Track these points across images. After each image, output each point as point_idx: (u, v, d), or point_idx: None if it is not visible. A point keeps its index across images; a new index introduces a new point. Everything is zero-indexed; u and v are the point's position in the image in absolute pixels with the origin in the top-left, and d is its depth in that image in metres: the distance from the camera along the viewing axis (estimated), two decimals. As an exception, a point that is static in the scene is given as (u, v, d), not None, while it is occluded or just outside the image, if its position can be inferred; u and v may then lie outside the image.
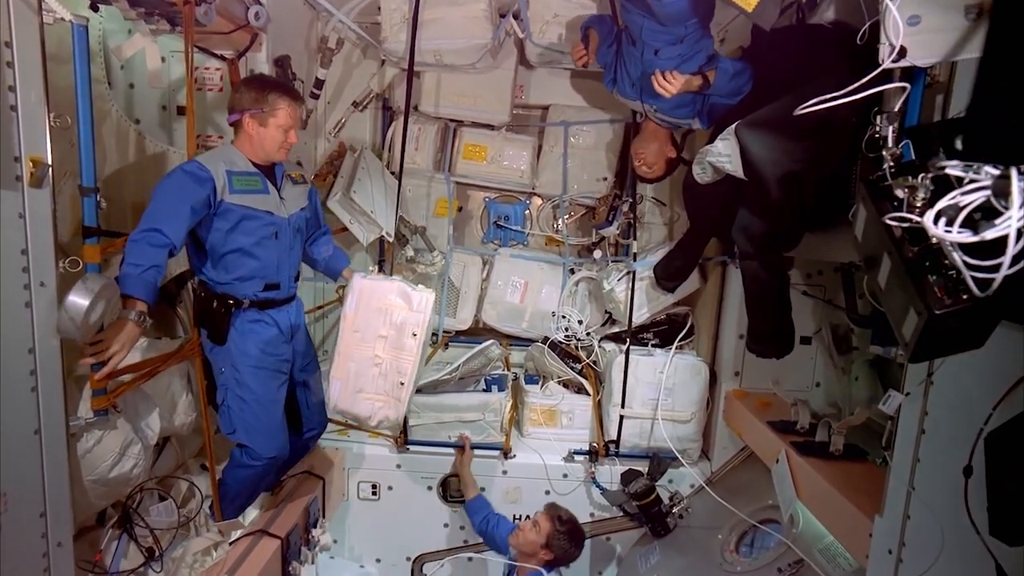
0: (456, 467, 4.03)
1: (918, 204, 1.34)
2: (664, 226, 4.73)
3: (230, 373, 2.82)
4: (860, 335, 3.75)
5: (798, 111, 1.83)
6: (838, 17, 2.67)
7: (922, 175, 1.35)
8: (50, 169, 2.20)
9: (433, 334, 4.70)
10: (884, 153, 1.52)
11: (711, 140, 3.33)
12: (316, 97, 4.13)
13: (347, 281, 3.13)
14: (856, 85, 1.67)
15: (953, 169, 1.33)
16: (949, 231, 1.28)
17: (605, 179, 4.61)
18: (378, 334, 3.01)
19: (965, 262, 1.29)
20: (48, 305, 2.19)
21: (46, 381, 2.20)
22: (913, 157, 1.72)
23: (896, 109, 1.75)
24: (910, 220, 1.33)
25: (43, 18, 2.14)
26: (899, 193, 1.38)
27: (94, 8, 2.53)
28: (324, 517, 3.71)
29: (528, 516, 3.73)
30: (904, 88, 1.77)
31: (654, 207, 4.70)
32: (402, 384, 3.03)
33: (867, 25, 2.05)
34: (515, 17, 3.89)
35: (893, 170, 1.49)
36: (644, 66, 3.07)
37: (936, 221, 1.30)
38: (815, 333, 3.88)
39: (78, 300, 2.13)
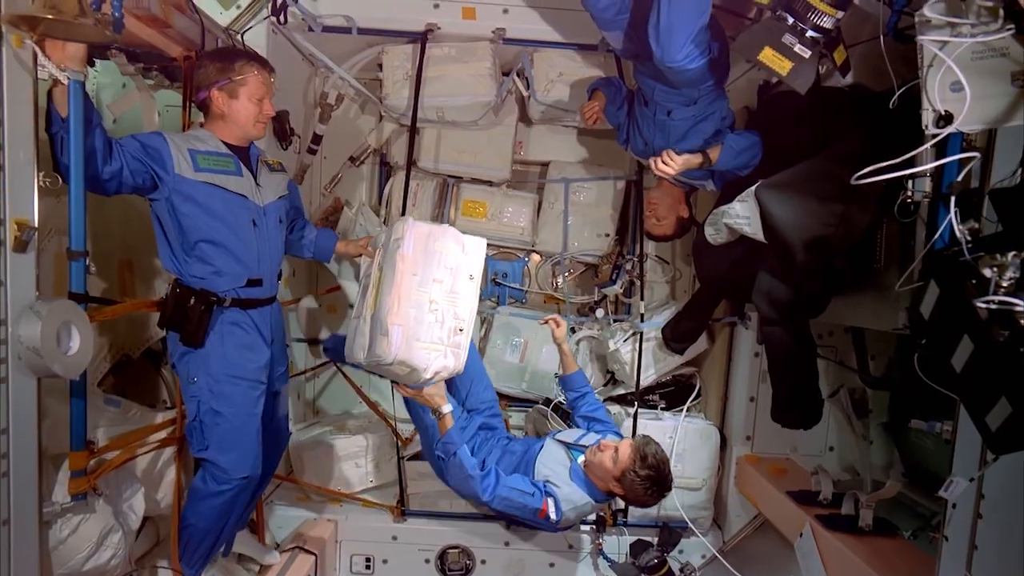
0: (556, 341, 3.48)
1: (1004, 284, 1.23)
2: (666, 284, 4.63)
3: (204, 382, 2.54)
4: (874, 398, 3.64)
5: (855, 180, 1.75)
6: (856, 80, 2.63)
7: (1012, 252, 1.25)
8: (36, 233, 2.05)
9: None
10: (957, 227, 1.43)
11: (721, 200, 3.28)
12: (313, 152, 4.04)
13: (343, 255, 3.09)
14: (911, 154, 1.59)
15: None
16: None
17: (607, 235, 4.53)
18: (433, 278, 2.70)
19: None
20: (28, 384, 2.00)
21: (19, 464, 1.99)
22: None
23: (959, 178, 1.66)
24: (1012, 304, 1.22)
25: (37, 74, 2.02)
26: (986, 272, 1.27)
27: (90, 63, 2.42)
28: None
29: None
30: (973, 157, 1.69)
31: (655, 265, 4.62)
32: (461, 330, 2.74)
33: (901, 91, 2.01)
34: (519, 75, 3.86)
35: (971, 245, 1.39)
36: (657, 126, 3.02)
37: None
38: (829, 396, 3.77)
39: (28, 330, 1.91)
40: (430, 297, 2.69)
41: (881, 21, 2.19)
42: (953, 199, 1.64)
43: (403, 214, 3.62)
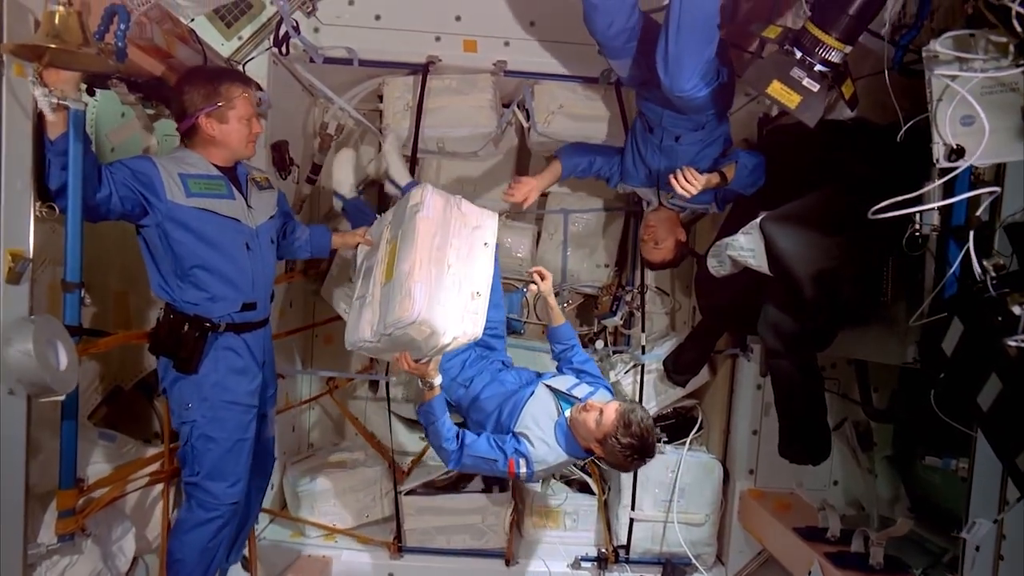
0: (542, 293, 3.30)
1: (1033, 322, 1.21)
2: (666, 315, 4.60)
3: (198, 408, 2.49)
4: (878, 430, 3.60)
5: (872, 214, 1.73)
6: (859, 114, 2.64)
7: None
8: (30, 264, 2.00)
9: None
10: (985, 263, 1.40)
11: (723, 230, 3.27)
12: (312, 182, 4.01)
13: (341, 247, 3.11)
14: (925, 190, 1.57)
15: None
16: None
17: (606, 266, 4.51)
18: (450, 243, 2.70)
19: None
20: (17, 419, 1.93)
21: (6, 504, 1.92)
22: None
23: (979, 213, 1.64)
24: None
25: (37, 103, 1.99)
26: (1015, 309, 1.25)
27: (90, 92, 2.40)
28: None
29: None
30: (994, 191, 1.67)
31: (654, 296, 4.59)
32: (479, 294, 2.68)
33: (908, 124, 2.01)
34: (519, 107, 3.87)
35: (995, 282, 1.36)
36: (664, 153, 3.02)
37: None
38: (834, 429, 3.72)
39: (21, 342, 1.85)
40: (448, 261, 2.66)
41: (885, 56, 2.20)
42: (972, 234, 1.62)
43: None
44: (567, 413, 2.88)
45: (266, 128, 3.27)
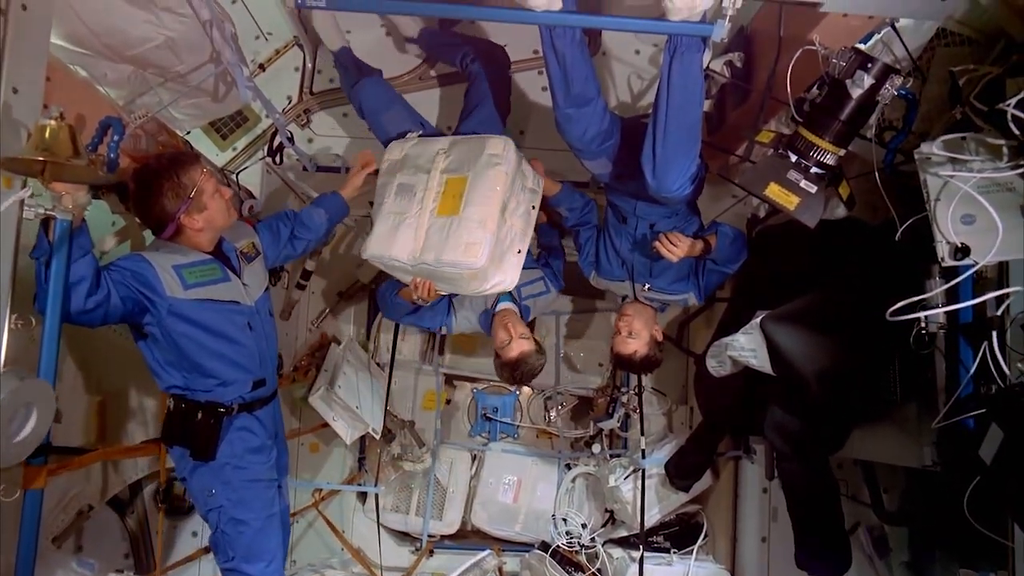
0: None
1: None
2: (663, 416, 4.48)
3: (223, 493, 2.46)
4: (891, 534, 3.43)
5: (890, 316, 1.69)
6: (849, 214, 2.67)
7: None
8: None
9: (416, 539, 4.23)
10: (1020, 365, 1.35)
11: (720, 329, 3.23)
12: (302, 288, 3.97)
13: (354, 192, 3.06)
14: (937, 291, 1.54)
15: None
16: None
17: (601, 365, 4.43)
18: (512, 199, 2.79)
19: None
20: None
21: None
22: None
23: (999, 312, 1.61)
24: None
25: (22, 212, 1.95)
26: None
27: (96, 196, 2.36)
28: None
29: None
30: (1016, 292, 1.65)
31: (650, 396, 4.49)
32: (520, 252, 2.82)
33: (907, 223, 2.01)
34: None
35: (1029, 386, 1.30)
36: (638, 243, 3.04)
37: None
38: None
39: None
40: (506, 215, 2.76)
41: (874, 157, 2.24)
42: (995, 334, 1.58)
43: (392, 350, 3.53)
44: (499, 307, 3.25)
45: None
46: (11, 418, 1.80)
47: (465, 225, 2.67)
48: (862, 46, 2.32)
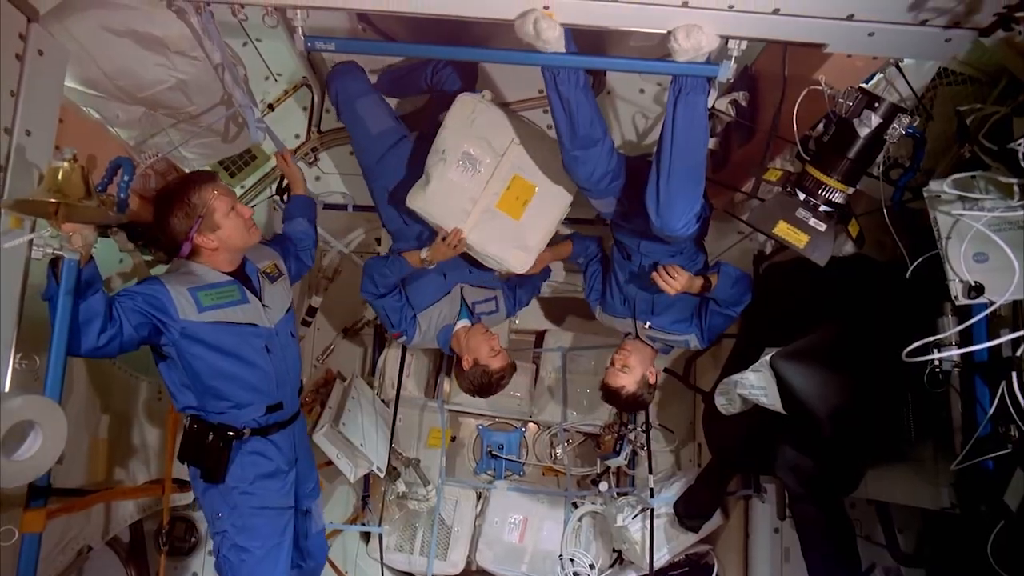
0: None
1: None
2: (671, 453, 4.42)
3: (228, 518, 2.46)
4: (909, 576, 3.34)
5: (906, 356, 1.67)
6: (857, 251, 2.66)
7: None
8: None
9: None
10: None
11: (728, 367, 3.19)
12: (307, 324, 3.96)
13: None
14: (956, 330, 1.52)
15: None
16: None
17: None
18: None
19: None
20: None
21: None
22: None
23: (1018, 354, 1.59)
24: None
25: (31, 252, 1.95)
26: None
27: (103, 235, 2.38)
28: None
29: None
30: None
31: (657, 433, 4.43)
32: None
33: (918, 261, 2.00)
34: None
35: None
36: (642, 280, 3.02)
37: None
38: (862, 577, 3.46)
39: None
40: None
41: (882, 195, 2.24)
42: (1015, 375, 1.56)
43: (397, 386, 3.50)
44: (458, 324, 3.29)
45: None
46: (9, 433, 1.75)
47: (521, 233, 2.88)
48: (866, 85, 2.34)
